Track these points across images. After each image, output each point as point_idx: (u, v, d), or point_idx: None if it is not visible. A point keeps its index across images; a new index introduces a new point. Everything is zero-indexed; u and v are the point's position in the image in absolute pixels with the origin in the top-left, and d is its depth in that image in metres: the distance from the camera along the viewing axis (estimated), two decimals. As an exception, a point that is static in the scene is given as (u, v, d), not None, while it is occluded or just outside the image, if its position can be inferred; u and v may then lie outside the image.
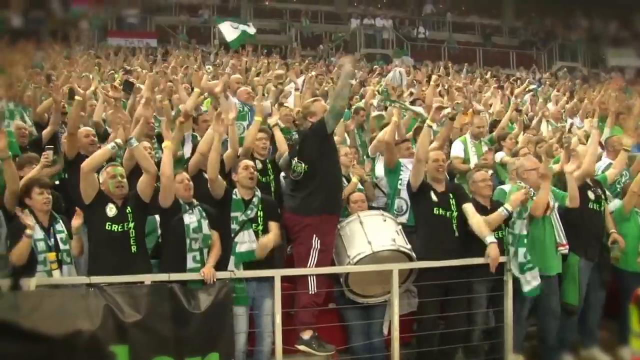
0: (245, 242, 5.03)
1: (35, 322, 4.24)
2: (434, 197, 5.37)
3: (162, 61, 13.93)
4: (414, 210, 5.67)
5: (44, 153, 5.52)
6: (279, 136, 6.01)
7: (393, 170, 6.16)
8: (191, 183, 4.99)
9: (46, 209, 4.75)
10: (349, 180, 5.80)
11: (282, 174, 5.84)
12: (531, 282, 5.28)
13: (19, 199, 4.83)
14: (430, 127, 5.49)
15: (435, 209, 5.34)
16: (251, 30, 11.96)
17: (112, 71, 11.67)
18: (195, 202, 5.00)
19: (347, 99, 5.78)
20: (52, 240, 4.71)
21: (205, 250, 4.91)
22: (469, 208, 5.36)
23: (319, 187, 5.03)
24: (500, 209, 5.28)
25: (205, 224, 4.94)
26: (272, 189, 5.82)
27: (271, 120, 6.22)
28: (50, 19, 20.57)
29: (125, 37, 20.20)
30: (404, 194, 5.95)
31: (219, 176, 5.16)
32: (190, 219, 4.90)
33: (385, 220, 5.37)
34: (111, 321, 4.34)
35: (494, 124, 8.40)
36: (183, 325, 4.51)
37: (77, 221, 4.73)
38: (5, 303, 4.30)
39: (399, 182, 6.07)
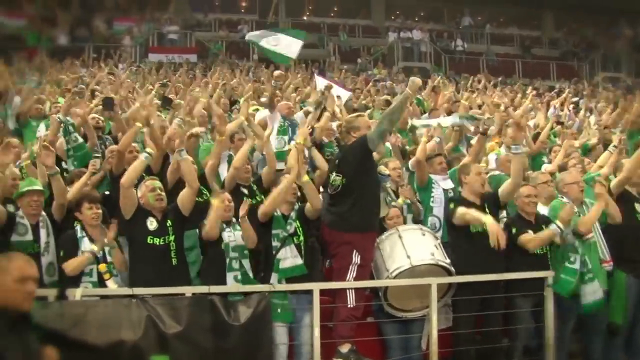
0: (288, 257, 5.06)
1: (80, 331, 4.35)
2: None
3: (202, 76, 14.15)
4: (450, 227, 5.59)
5: (91, 162, 5.69)
6: (319, 159, 6.02)
7: (424, 187, 6.12)
8: (232, 204, 5.02)
9: (95, 223, 4.89)
10: (396, 193, 5.80)
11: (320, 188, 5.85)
12: (590, 295, 5.17)
13: (69, 212, 5.04)
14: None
15: (472, 225, 5.28)
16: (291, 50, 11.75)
17: (151, 86, 11.91)
18: (234, 220, 5.04)
19: (397, 121, 5.72)
20: (101, 252, 4.84)
21: (245, 261, 4.95)
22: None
23: (356, 203, 5.03)
24: (553, 227, 5.19)
25: (239, 234, 4.98)
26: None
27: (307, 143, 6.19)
28: (95, 36, 21.19)
29: (165, 52, 20.62)
30: (437, 211, 5.94)
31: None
32: (230, 236, 4.95)
33: (424, 235, 5.34)
34: (153, 332, 4.43)
35: (535, 137, 8.28)
36: (223, 337, 4.57)
37: (110, 234, 4.85)
38: (52, 312, 4.43)
39: (431, 199, 6.03)
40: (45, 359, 3.00)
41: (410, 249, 5.14)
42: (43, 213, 5.06)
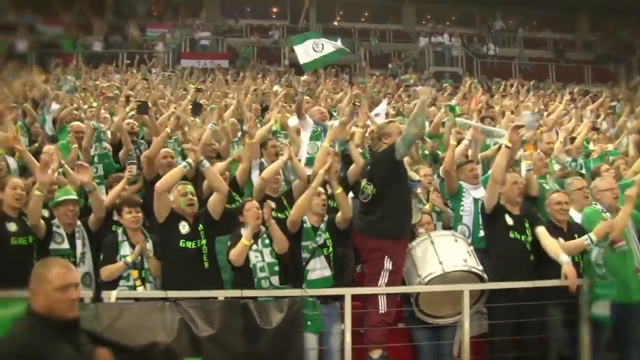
0: (317, 269, 5.08)
1: (115, 333, 4.41)
2: (509, 221, 5.30)
3: (233, 82, 14.27)
4: (487, 233, 5.57)
5: (127, 168, 5.78)
6: (355, 154, 5.97)
7: (454, 195, 6.06)
8: (260, 211, 5.02)
9: (135, 227, 4.99)
10: (427, 199, 5.77)
11: (351, 194, 5.84)
12: (601, 310, 5.07)
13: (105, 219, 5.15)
14: (508, 147, 5.30)
15: (510, 232, 5.26)
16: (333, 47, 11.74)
17: (184, 91, 12.05)
18: (263, 229, 5.04)
19: (422, 126, 5.67)
20: (139, 257, 4.94)
21: (274, 279, 4.95)
22: (541, 231, 5.23)
23: (388, 211, 5.02)
24: (585, 238, 5.11)
25: (268, 252, 4.98)
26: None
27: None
28: (128, 43, 21.56)
29: (197, 58, 20.85)
30: (467, 219, 5.90)
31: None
32: (257, 257, 4.93)
33: (456, 241, 5.30)
34: (186, 335, 4.46)
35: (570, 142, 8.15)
36: (254, 341, 4.58)
37: (139, 247, 4.95)
38: (88, 314, 4.50)
39: (461, 207, 5.98)
40: None
41: (442, 255, 5.10)
42: (78, 223, 5.17)
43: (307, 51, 10.59)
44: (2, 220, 4.89)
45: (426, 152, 7.30)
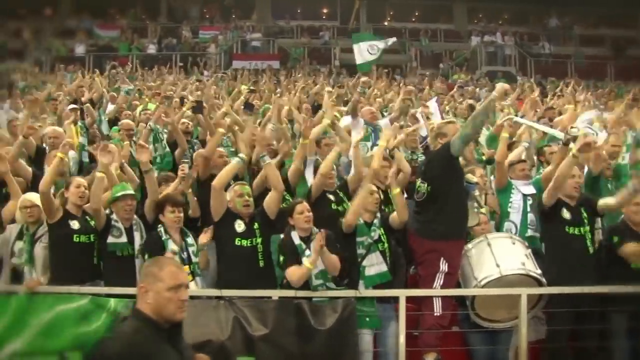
0: (373, 264, 5.01)
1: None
2: (566, 215, 5.17)
3: (286, 82, 14.33)
4: (543, 230, 5.45)
5: (180, 166, 5.87)
6: (400, 158, 5.95)
7: (503, 190, 5.94)
8: (311, 214, 4.97)
9: (177, 226, 5.03)
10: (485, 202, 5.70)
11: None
12: None
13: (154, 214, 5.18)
14: (576, 157, 5.10)
15: (567, 227, 5.13)
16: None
17: (238, 92, 12.17)
18: (315, 230, 4.96)
19: (480, 127, 5.58)
20: (185, 253, 4.96)
21: (330, 284, 4.89)
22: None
23: (442, 211, 4.94)
24: None
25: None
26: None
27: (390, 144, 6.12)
28: (181, 45, 21.97)
29: (249, 59, 21.06)
30: (514, 216, 5.78)
31: None
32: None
33: (514, 244, 5.16)
34: (239, 333, 4.52)
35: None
36: (308, 341, 4.59)
37: (205, 238, 4.96)
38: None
39: (509, 204, 5.86)
40: None
41: (499, 257, 4.98)
42: (135, 217, 5.25)
43: (361, 52, 10.61)
44: (66, 218, 5.03)
45: (483, 157, 7.15)
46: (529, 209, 5.77)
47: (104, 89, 10.78)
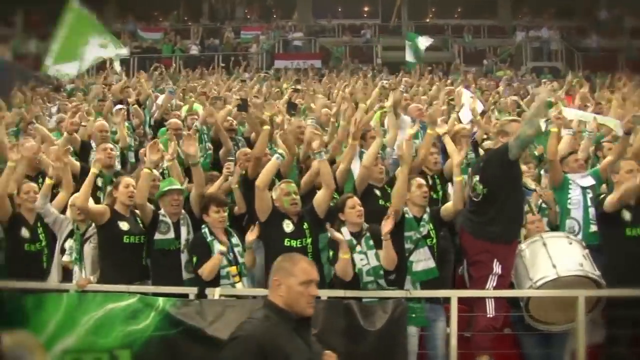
0: (421, 260, 4.91)
1: (219, 329, 4.46)
2: (626, 216, 5.02)
3: (328, 81, 14.27)
4: (602, 231, 5.27)
5: (225, 165, 5.86)
6: (450, 146, 5.82)
7: (560, 187, 5.73)
8: (362, 209, 4.89)
9: (221, 226, 5.00)
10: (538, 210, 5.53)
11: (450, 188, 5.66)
12: None
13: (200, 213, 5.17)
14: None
15: (628, 229, 4.96)
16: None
17: (279, 90, 12.16)
18: (365, 226, 4.89)
19: (539, 128, 5.28)
20: (231, 254, 4.93)
21: (381, 281, 4.80)
22: None
23: (499, 214, 4.82)
24: None
25: (373, 254, 4.81)
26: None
27: (440, 130, 6.01)
28: (224, 45, 22.16)
29: (291, 59, 21.10)
30: (575, 213, 5.57)
31: None
32: (362, 260, 4.75)
33: (571, 243, 4.97)
34: (288, 333, 4.43)
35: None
36: (357, 342, 4.50)
37: (252, 236, 4.92)
38: (192, 309, 4.58)
39: (568, 200, 5.65)
40: None
41: (556, 258, 4.80)
42: (183, 211, 5.25)
43: (410, 51, 10.51)
44: (115, 219, 5.07)
45: (535, 152, 6.95)
46: (589, 203, 5.57)
47: (149, 90, 10.90)
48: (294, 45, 22.54)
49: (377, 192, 5.60)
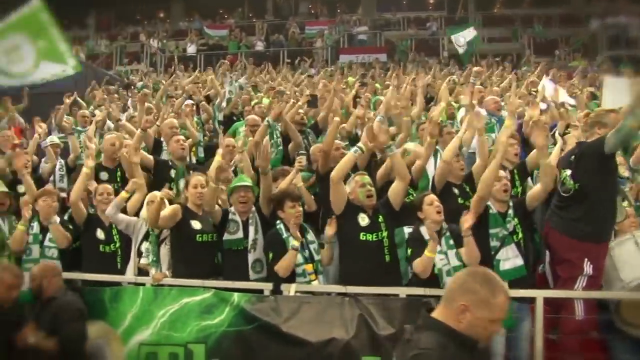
0: (509, 258, 4.66)
1: (294, 326, 4.40)
2: None
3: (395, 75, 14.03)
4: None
5: (297, 158, 5.78)
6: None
7: None
8: (441, 205, 4.71)
9: (297, 221, 4.88)
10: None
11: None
12: None
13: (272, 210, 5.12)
14: None
15: None
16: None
17: (345, 86, 12.03)
18: (445, 226, 4.70)
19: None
20: (307, 251, 4.84)
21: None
22: None
23: (590, 212, 4.55)
24: None
25: (453, 254, 4.61)
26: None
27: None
28: (289, 41, 22.24)
29: (356, 53, 20.94)
30: None
31: None
32: (442, 261, 4.56)
33: (667, 242, 4.62)
34: (365, 332, 4.31)
35: None
36: (436, 342, 4.29)
37: (331, 230, 4.81)
38: (267, 306, 4.52)
39: None
40: None
41: (651, 256, 4.47)
42: (253, 209, 5.20)
43: (458, 43, 10.23)
44: (187, 218, 5.06)
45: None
46: None
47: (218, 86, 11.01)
48: (359, 40, 22.37)
49: (456, 191, 5.40)
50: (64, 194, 6.51)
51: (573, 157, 4.78)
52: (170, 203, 5.11)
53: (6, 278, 4.08)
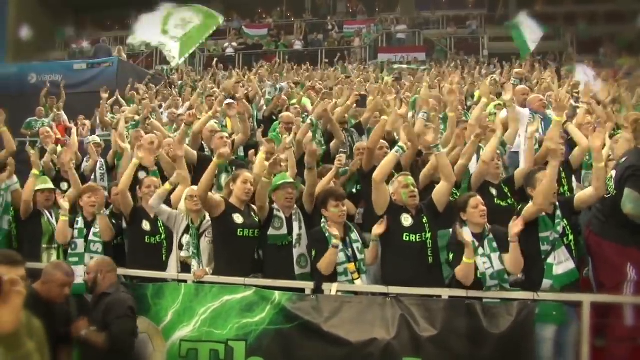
0: (561, 262, 4.52)
1: (335, 325, 4.39)
2: None
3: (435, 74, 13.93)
4: None
5: (338, 156, 5.76)
6: (577, 133, 5.48)
7: None
8: (486, 209, 4.61)
9: (341, 221, 4.85)
10: None
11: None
12: None
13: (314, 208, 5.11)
14: None
15: None
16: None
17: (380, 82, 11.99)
18: (487, 227, 4.61)
19: None
20: (350, 250, 4.81)
21: (506, 286, 4.51)
22: None
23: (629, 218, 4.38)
24: None
25: (496, 257, 4.51)
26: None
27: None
28: (327, 40, 22.24)
29: (394, 52, 20.81)
30: None
31: None
32: (485, 263, 4.47)
33: None
34: (406, 333, 4.28)
35: None
36: (479, 345, 4.22)
37: (379, 229, 4.78)
38: (308, 305, 4.51)
39: None
40: None
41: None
42: (295, 206, 5.20)
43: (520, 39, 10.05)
44: (229, 211, 5.07)
45: None
46: None
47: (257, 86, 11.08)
48: (398, 39, 22.21)
49: (493, 191, 5.30)
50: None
51: (623, 158, 4.62)
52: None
53: (59, 277, 4.16)
